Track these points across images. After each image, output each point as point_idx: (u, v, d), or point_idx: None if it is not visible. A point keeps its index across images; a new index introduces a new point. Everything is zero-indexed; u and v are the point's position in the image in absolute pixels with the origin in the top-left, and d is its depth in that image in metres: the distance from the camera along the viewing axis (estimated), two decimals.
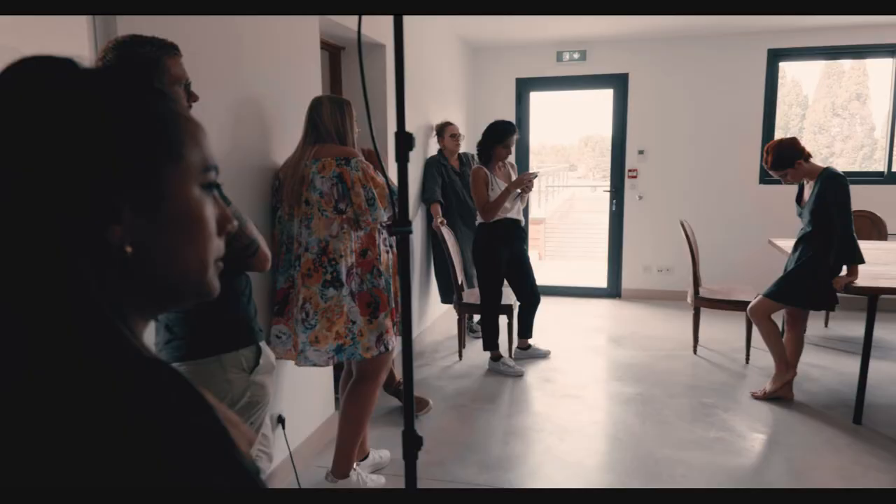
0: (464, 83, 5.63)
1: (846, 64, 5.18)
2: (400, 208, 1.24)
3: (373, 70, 3.64)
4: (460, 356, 4.25)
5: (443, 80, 4.97)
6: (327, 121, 2.38)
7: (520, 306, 4.20)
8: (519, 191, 3.84)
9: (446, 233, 4.14)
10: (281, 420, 2.57)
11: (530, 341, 4.29)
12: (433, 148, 4.65)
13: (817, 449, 2.98)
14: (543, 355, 4.29)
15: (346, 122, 2.43)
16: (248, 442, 0.49)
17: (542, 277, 5.75)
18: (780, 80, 5.46)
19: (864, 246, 3.28)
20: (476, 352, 4.37)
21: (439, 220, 4.20)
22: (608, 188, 5.95)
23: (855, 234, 3.14)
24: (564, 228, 10.98)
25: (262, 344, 1.74)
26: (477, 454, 2.94)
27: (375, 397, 2.60)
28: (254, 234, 1.64)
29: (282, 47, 2.57)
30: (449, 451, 2.97)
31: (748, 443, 3.05)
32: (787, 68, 5.90)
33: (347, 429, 2.55)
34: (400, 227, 1.23)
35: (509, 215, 3.90)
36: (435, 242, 4.45)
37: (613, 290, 6.01)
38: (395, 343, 2.57)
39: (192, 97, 1.57)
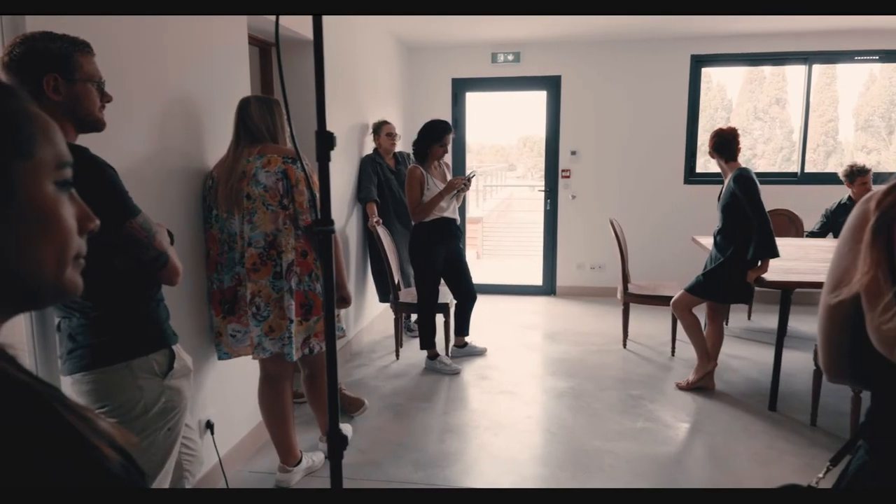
0: (400, 82, 5.63)
1: (767, 70, 5.55)
2: (321, 207, 1.24)
3: (304, 67, 3.59)
4: (397, 356, 4.24)
5: (379, 79, 4.95)
6: (258, 121, 2.41)
7: (456, 304, 4.24)
8: (456, 190, 3.91)
9: (382, 232, 4.13)
10: (210, 425, 2.51)
11: (467, 339, 4.34)
12: (369, 147, 4.62)
13: (736, 435, 3.14)
14: (480, 353, 4.34)
15: (276, 122, 2.45)
16: (126, 443, 0.49)
17: (479, 276, 5.84)
18: (706, 85, 5.71)
19: (781, 242, 3.49)
20: (413, 351, 4.38)
21: (375, 220, 4.18)
22: (543, 188, 6.08)
23: (772, 229, 3.32)
24: (502, 227, 11.13)
25: (177, 347, 1.70)
26: (412, 453, 2.95)
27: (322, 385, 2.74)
28: (164, 246, 1.60)
29: (208, 46, 2.50)
30: (384, 450, 2.96)
31: (672, 432, 3.18)
32: (712, 73, 6.18)
33: (319, 415, 2.79)
34: (321, 226, 1.22)
35: (445, 214, 3.95)
36: (371, 242, 4.43)
37: (548, 288, 6.14)
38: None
39: (106, 97, 1.53)
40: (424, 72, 5.93)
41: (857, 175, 4.45)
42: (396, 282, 4.15)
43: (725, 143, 3.51)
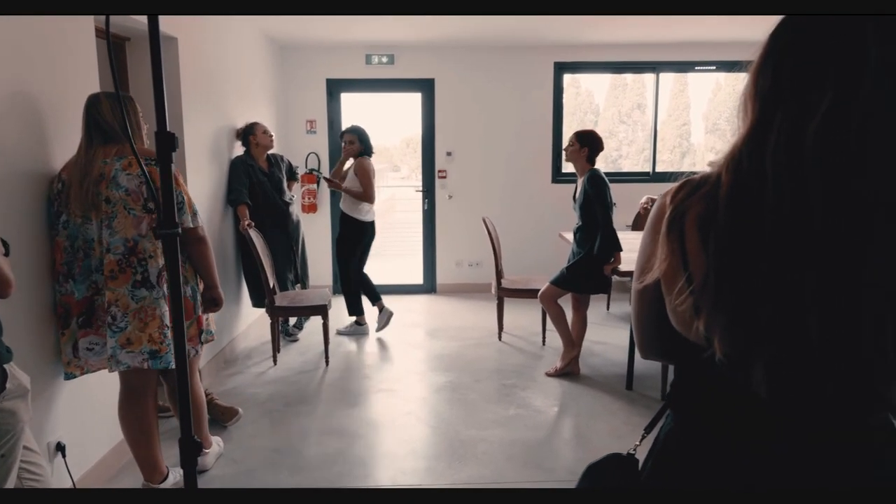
0: (273, 83, 5.50)
1: (629, 77, 6.03)
2: (164, 210, 1.21)
3: (164, 65, 3.42)
4: (275, 361, 4.15)
5: (250, 79, 4.81)
6: (110, 119, 2.29)
7: (366, 280, 4.92)
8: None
9: (254, 235, 4.03)
10: (60, 447, 2.34)
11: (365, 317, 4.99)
12: (240, 148, 4.48)
13: (597, 415, 3.39)
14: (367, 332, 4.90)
15: (132, 120, 2.33)
16: None
17: None
18: (575, 90, 6.09)
19: (636, 235, 3.80)
20: (291, 356, 4.31)
21: (246, 223, 4.07)
22: (420, 188, 6.20)
23: (614, 227, 3.62)
24: (385, 228, 11.17)
25: (10, 366, 1.57)
26: (290, 458, 2.91)
27: (199, 392, 2.71)
28: None
29: (47, 38, 2.32)
30: (259, 458, 2.90)
31: (542, 416, 3.38)
32: (581, 79, 6.59)
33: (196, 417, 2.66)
34: (165, 229, 1.20)
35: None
36: (245, 245, 4.30)
37: (429, 286, 6.27)
38: (201, 350, 2.59)
39: None
40: (298, 72, 5.83)
41: None
42: (272, 286, 4.06)
43: (588, 136, 3.77)
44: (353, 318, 4.95)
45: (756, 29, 3.67)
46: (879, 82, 0.77)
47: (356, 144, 4.67)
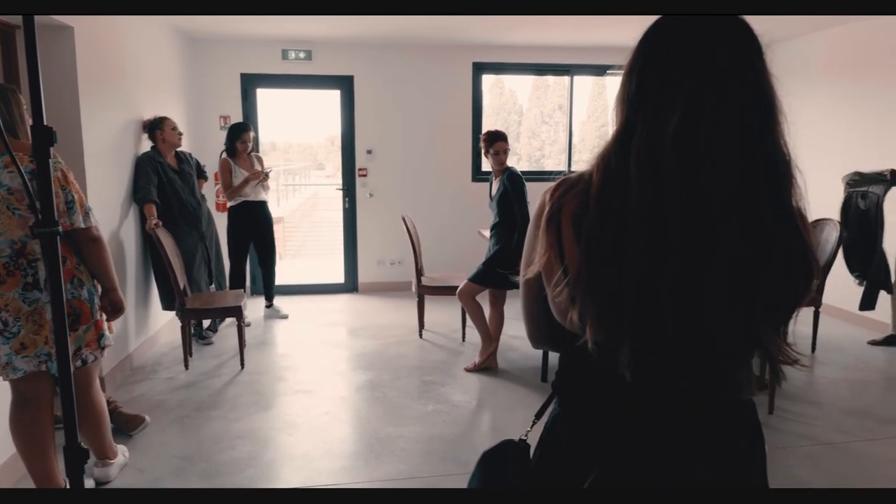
0: (183, 77, 5.28)
1: (551, 79, 6.17)
2: (42, 208, 1.15)
3: (57, 55, 3.22)
4: (186, 366, 4.00)
5: (157, 73, 4.61)
6: None
7: (262, 272, 5.19)
8: (256, 181, 4.83)
9: (162, 235, 3.86)
10: None
11: (275, 303, 5.27)
12: (147, 143, 4.28)
13: (514, 407, 3.48)
14: (284, 316, 5.22)
15: (13, 113, 2.19)
16: None
17: (282, 277, 5.75)
18: (499, 90, 6.21)
19: None
20: (204, 359, 4.17)
21: (154, 222, 3.89)
22: (341, 186, 6.14)
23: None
24: (306, 227, 10.97)
25: None
26: (200, 464, 2.82)
27: (100, 400, 2.56)
28: None
29: None
30: (167, 466, 2.80)
31: (460, 411, 3.43)
32: (505, 80, 6.71)
33: (90, 437, 2.57)
34: (43, 227, 1.14)
35: (249, 199, 4.89)
36: (154, 246, 4.11)
37: (351, 285, 6.22)
38: (101, 356, 2.47)
39: None
40: (210, 66, 5.63)
41: None
42: (182, 287, 3.91)
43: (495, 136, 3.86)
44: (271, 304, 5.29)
45: None
46: (723, 91, 0.84)
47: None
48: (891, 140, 4.56)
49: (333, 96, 5.99)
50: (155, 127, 4.19)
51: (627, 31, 5.23)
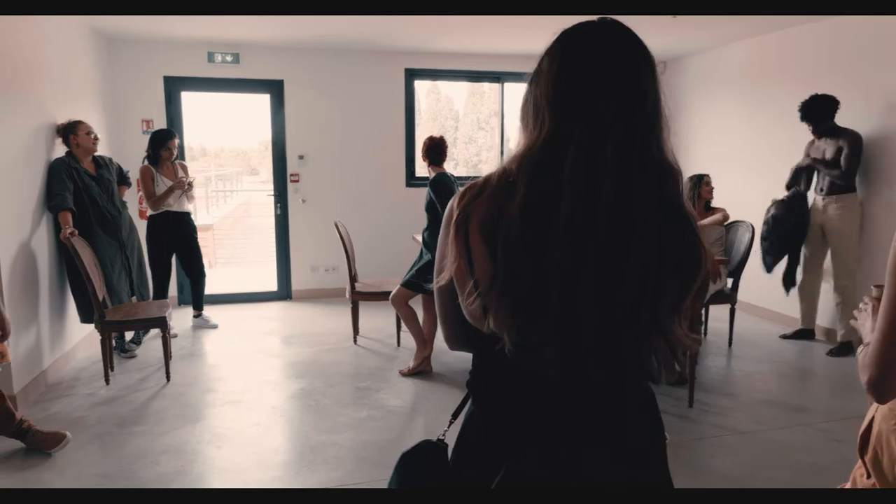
0: (100, 79, 5.06)
1: (486, 86, 6.23)
2: None
3: None
4: (107, 380, 3.82)
5: (72, 73, 4.39)
6: None
7: (190, 282, 5.03)
8: (179, 191, 4.65)
9: (79, 244, 3.68)
10: None
11: (203, 313, 5.13)
12: (62, 149, 4.07)
13: (448, 410, 3.45)
14: (214, 326, 5.08)
15: None
16: None
17: (212, 286, 5.59)
18: (436, 96, 6.25)
19: None
20: (128, 373, 4.00)
21: (69, 231, 3.70)
22: (272, 192, 6.02)
23: None
24: (238, 234, 10.68)
25: None
26: (122, 481, 2.70)
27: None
28: None
29: None
30: (87, 484, 2.66)
31: (394, 416, 3.42)
32: (441, 86, 6.75)
33: None
34: None
35: (172, 209, 4.70)
36: (70, 256, 3.91)
37: (284, 293, 6.10)
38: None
39: None
40: (131, 68, 5.41)
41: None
42: (101, 298, 3.73)
43: (431, 149, 3.89)
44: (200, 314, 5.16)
45: None
46: (655, 103, 0.90)
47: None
48: (788, 143, 4.84)
49: (263, 100, 5.87)
50: (68, 131, 4.00)
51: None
